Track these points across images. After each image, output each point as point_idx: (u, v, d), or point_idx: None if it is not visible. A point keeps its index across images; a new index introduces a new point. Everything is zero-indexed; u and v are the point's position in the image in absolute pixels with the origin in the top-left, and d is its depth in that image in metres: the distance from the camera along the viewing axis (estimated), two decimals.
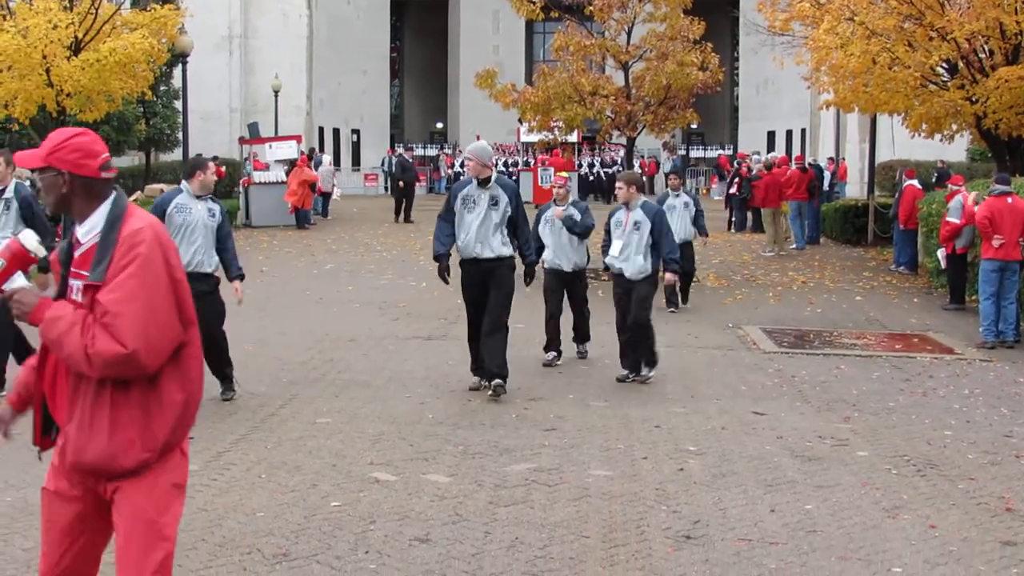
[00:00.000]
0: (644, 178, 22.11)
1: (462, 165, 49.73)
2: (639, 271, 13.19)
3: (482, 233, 12.27)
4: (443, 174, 59.29)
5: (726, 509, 8.39)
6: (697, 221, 19.25)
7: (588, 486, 8.73)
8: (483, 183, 12.28)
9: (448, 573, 7.09)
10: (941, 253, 19.93)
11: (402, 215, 38.12)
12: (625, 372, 13.37)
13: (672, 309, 18.59)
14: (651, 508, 8.27)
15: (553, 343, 14.52)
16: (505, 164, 54.08)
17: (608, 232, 13.69)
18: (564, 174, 16.24)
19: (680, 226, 18.15)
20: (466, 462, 9.61)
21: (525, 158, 53.55)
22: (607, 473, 9.28)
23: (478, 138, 30.32)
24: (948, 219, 19.08)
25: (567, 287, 14.67)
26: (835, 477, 9.29)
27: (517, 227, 12.50)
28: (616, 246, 13.38)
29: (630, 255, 13.20)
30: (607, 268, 14.03)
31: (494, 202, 12.25)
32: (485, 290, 12.53)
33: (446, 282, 13.06)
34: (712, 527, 7.99)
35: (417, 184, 39.36)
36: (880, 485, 9.03)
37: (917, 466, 9.43)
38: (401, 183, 39.01)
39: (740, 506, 8.46)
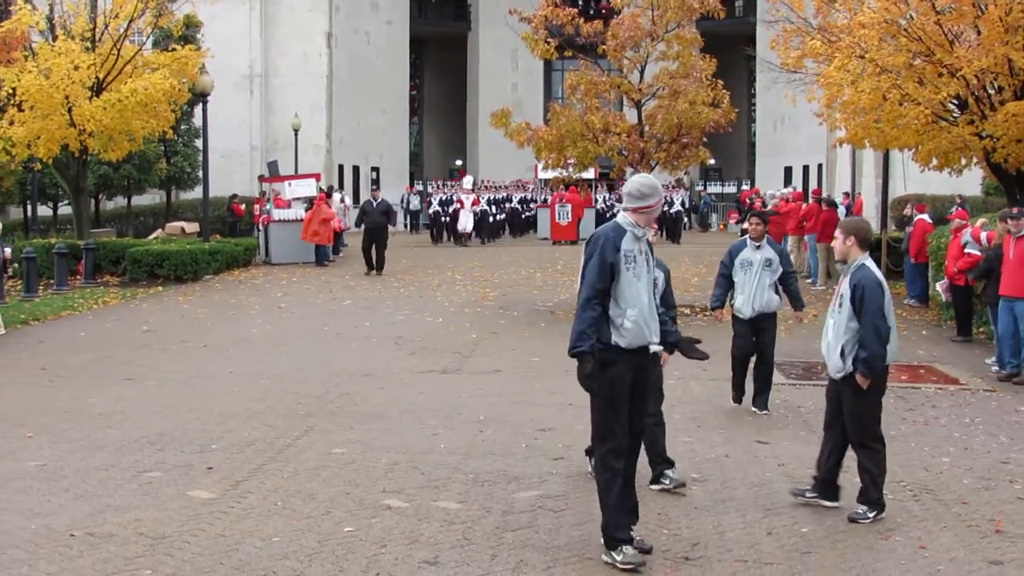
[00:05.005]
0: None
1: (441, 204, 49.51)
2: (836, 367, 9.59)
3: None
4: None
5: (724, 532, 8.70)
6: (788, 285, 13.99)
7: (592, 512, 9.02)
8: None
9: None
10: (940, 286, 20.19)
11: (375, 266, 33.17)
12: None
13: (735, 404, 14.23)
14: (652, 531, 8.55)
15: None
16: (522, 200, 54.48)
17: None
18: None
19: (758, 290, 13.75)
20: (475, 489, 9.93)
21: (543, 195, 53.92)
22: None
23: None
24: (968, 251, 19.17)
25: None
26: None
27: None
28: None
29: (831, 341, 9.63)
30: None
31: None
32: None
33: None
34: (710, 549, 8.29)
35: (391, 228, 34.69)
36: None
37: (913, 491, 9.70)
38: (363, 228, 34.35)
39: (738, 529, 8.77)
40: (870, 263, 9.43)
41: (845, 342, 9.32)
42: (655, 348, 8.58)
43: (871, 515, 9.08)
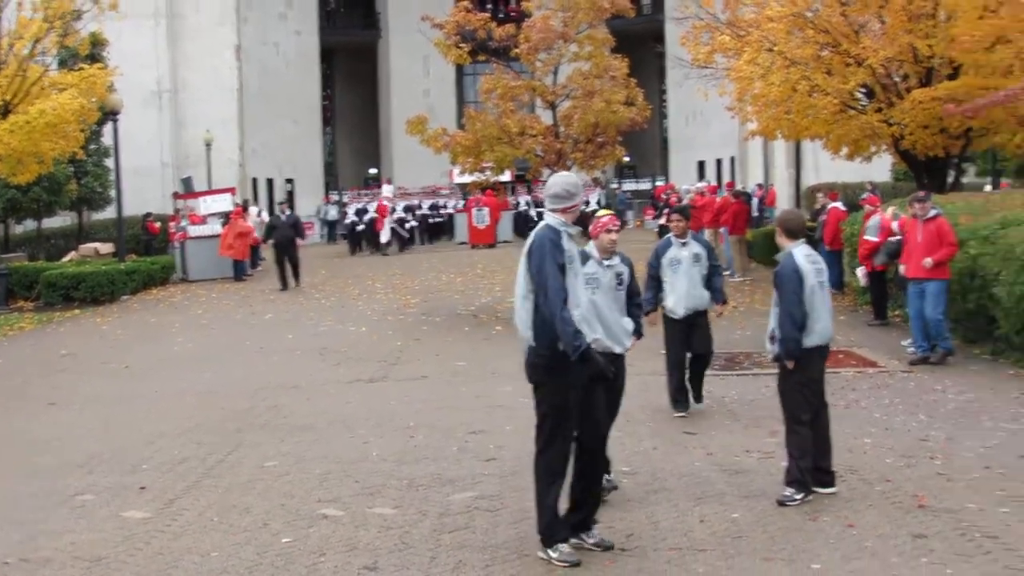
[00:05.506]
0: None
1: (358, 214, 49.15)
2: (768, 351, 10.25)
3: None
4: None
5: (658, 522, 8.84)
6: (713, 279, 13.67)
7: (528, 510, 9.09)
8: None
9: None
10: (860, 272, 20.52)
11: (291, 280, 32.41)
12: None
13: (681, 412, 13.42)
14: (594, 523, 8.66)
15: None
16: (433, 207, 54.30)
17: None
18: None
19: (689, 287, 13.39)
20: (410, 494, 10.01)
21: (456, 201, 54.00)
22: None
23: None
24: (866, 237, 19.74)
25: None
26: (761, 487, 9.77)
27: None
28: None
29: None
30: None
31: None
32: None
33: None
34: (645, 539, 8.43)
35: (300, 241, 33.20)
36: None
37: (838, 472, 9.87)
38: (272, 243, 33.86)
39: (671, 519, 8.92)
40: (797, 251, 9.73)
41: (774, 327, 9.74)
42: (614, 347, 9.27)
43: (798, 497, 9.26)
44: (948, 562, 7.72)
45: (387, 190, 49.63)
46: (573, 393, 8.06)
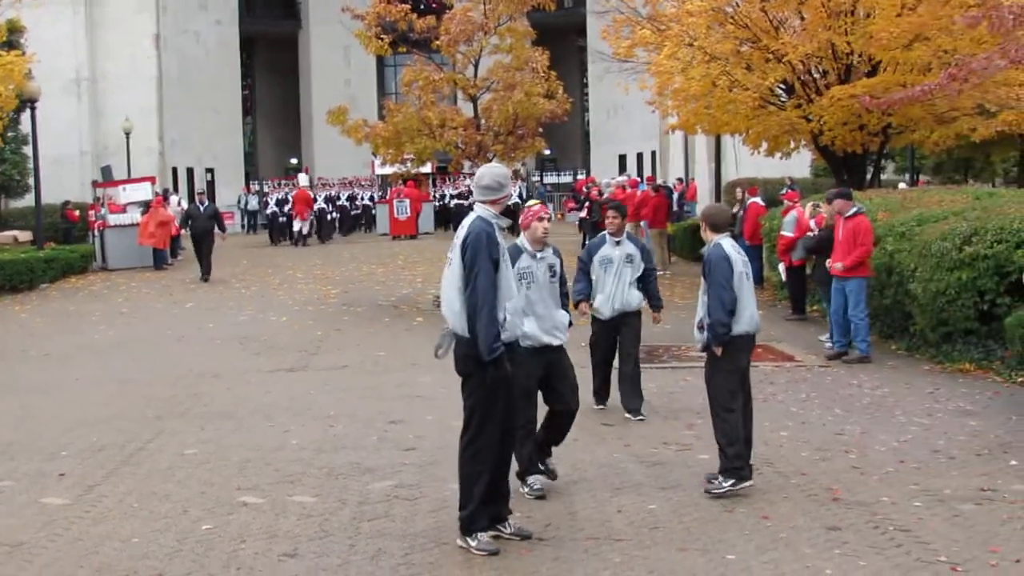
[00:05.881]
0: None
1: (278, 204, 48.38)
2: (696, 339, 10.38)
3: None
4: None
5: (576, 512, 8.96)
6: (648, 282, 13.18)
7: (447, 499, 9.18)
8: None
9: None
10: (781, 267, 20.78)
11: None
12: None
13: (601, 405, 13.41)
14: (508, 514, 8.75)
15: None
16: (350, 198, 54.01)
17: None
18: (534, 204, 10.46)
19: (618, 288, 12.93)
20: (330, 482, 10.07)
21: (379, 192, 53.89)
22: None
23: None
24: (783, 233, 20.01)
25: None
26: (678, 479, 9.92)
27: None
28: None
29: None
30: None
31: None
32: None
33: None
34: (563, 529, 8.54)
35: (217, 233, 32.54)
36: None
37: (754, 465, 10.05)
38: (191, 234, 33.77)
39: (589, 508, 9.04)
40: (724, 242, 9.84)
41: (703, 316, 9.80)
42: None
43: (726, 484, 9.35)
44: (861, 554, 7.87)
45: (303, 179, 49.24)
46: (503, 387, 8.10)
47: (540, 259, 9.73)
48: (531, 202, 10.03)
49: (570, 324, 9.94)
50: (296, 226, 45.33)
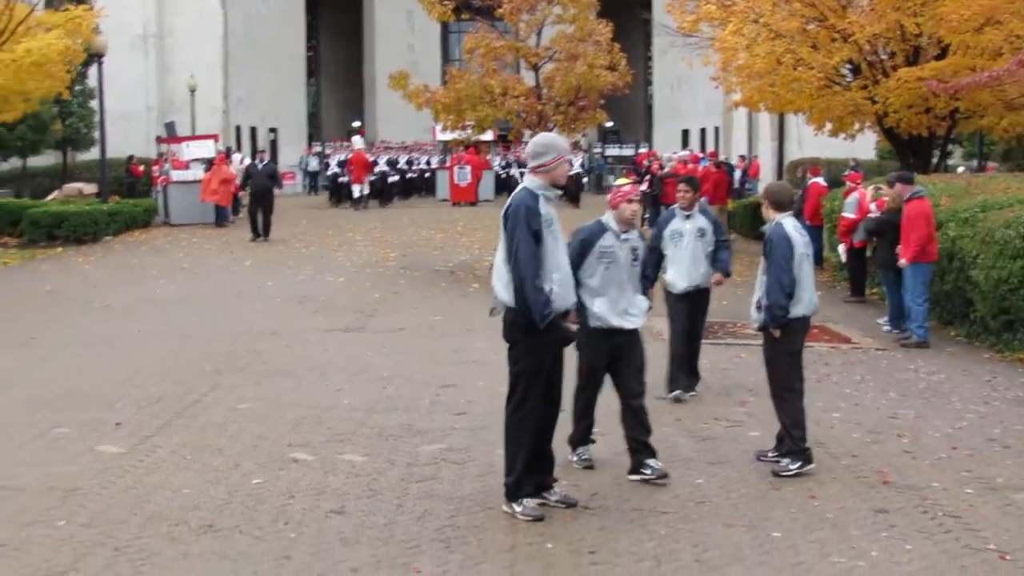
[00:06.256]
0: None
1: (340, 165, 48.25)
2: (754, 319, 10.26)
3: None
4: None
5: (623, 483, 9.00)
6: (719, 254, 12.75)
7: (494, 464, 9.25)
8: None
9: (362, 540, 7.65)
10: (842, 248, 20.67)
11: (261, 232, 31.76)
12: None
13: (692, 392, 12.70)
14: (553, 482, 8.80)
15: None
16: (408, 162, 54.07)
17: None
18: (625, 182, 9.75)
19: (692, 263, 12.51)
20: (381, 443, 10.17)
21: (440, 158, 53.96)
22: None
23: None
24: (844, 214, 19.88)
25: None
26: (727, 455, 9.94)
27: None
28: None
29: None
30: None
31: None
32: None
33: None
34: (609, 499, 8.60)
35: (277, 191, 32.89)
36: (768, 461, 9.64)
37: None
38: (248, 194, 33.40)
39: (636, 481, 9.06)
40: (786, 222, 9.74)
41: (761, 296, 9.74)
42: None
43: (793, 467, 9.34)
44: (908, 538, 7.87)
45: (357, 142, 49.04)
46: (547, 355, 8.18)
47: (624, 240, 9.32)
48: (620, 181, 9.66)
49: (648, 308, 9.70)
50: (355, 190, 45.27)
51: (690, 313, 12.68)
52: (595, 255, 9.12)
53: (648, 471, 9.07)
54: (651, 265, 11.59)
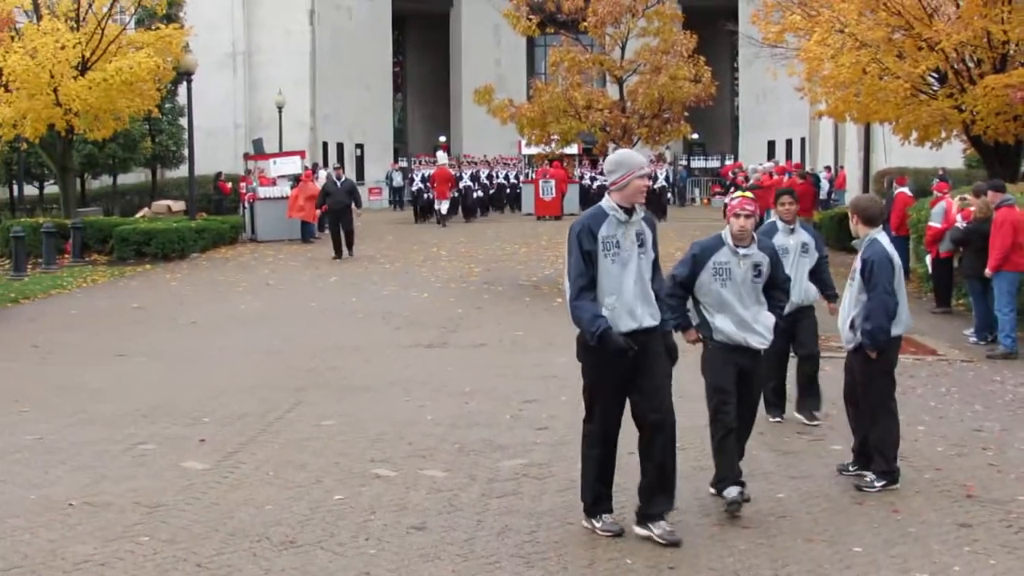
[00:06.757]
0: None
1: (424, 181, 47.34)
2: (847, 339, 9.83)
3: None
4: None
5: (703, 498, 8.97)
6: (821, 271, 11.97)
7: (575, 479, 9.21)
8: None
9: (442, 556, 7.68)
10: (928, 259, 20.49)
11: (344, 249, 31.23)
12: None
13: (776, 418, 12.00)
14: (633, 497, 8.67)
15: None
16: (488, 176, 54.01)
17: None
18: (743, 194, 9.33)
19: (797, 280, 11.34)
20: (461, 458, 10.21)
21: (527, 171, 54.02)
22: None
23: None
24: (930, 224, 19.70)
25: None
26: (808, 469, 9.87)
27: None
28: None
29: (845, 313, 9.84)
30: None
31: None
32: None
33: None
34: (689, 514, 8.56)
35: (357, 210, 31.97)
36: (850, 475, 9.55)
37: None
38: (326, 210, 32.38)
39: (717, 495, 9.01)
40: (882, 237, 9.50)
41: (855, 314, 9.44)
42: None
43: (878, 484, 9.22)
44: (992, 553, 7.78)
45: (441, 157, 48.93)
46: (609, 371, 8.02)
47: (743, 256, 8.90)
48: (737, 194, 9.19)
49: (776, 326, 9.20)
50: (437, 206, 45.01)
51: (792, 332, 11.75)
52: (708, 271, 8.87)
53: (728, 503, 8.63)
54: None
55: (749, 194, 9.25)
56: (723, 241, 8.96)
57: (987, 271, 16.10)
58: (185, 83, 35.84)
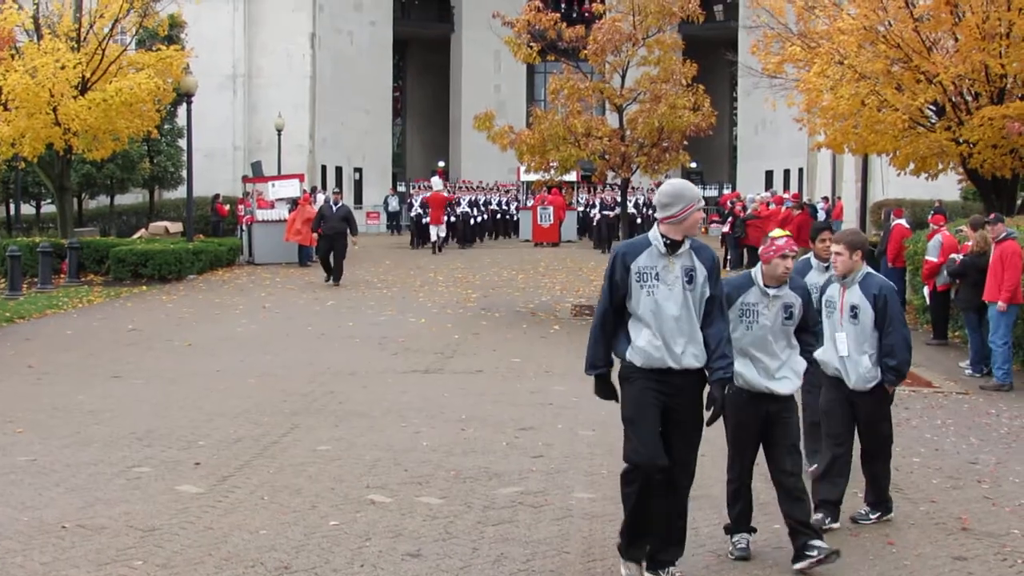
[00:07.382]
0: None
1: (423, 206, 46.57)
2: (866, 378, 9.25)
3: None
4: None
5: (698, 528, 8.93)
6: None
7: (571, 507, 9.26)
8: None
9: None
10: (926, 291, 20.52)
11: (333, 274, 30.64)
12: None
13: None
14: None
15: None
16: (486, 203, 53.82)
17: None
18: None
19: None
20: (457, 486, 10.18)
21: (525, 198, 54.05)
22: (590, 496, 9.85)
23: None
24: (927, 257, 19.75)
25: None
26: None
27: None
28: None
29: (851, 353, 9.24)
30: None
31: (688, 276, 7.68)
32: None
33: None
34: (687, 544, 8.50)
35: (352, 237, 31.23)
36: (846, 508, 9.53)
37: None
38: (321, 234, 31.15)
39: (712, 525, 9.01)
40: (872, 271, 9.30)
41: (872, 352, 9.07)
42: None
43: (873, 516, 9.24)
44: None
45: (436, 183, 48.68)
46: (639, 408, 7.53)
47: (773, 297, 8.37)
48: (777, 233, 8.49)
49: (806, 372, 8.64)
50: (432, 233, 44.31)
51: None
52: (736, 311, 8.30)
53: (814, 552, 7.98)
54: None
55: (788, 232, 8.63)
56: (752, 281, 8.45)
57: (1000, 305, 16.04)
58: (185, 104, 35.89)
